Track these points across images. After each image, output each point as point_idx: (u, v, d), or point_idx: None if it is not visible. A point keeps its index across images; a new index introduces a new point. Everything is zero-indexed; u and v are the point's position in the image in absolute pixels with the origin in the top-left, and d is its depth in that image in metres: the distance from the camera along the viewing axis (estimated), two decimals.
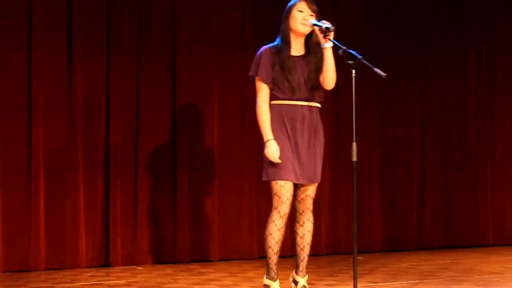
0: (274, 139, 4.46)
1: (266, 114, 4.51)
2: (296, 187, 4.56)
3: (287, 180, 4.47)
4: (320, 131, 4.61)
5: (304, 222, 4.63)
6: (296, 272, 4.66)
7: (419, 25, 7.77)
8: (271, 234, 4.48)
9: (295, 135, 4.50)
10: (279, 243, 4.51)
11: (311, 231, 4.65)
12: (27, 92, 6.08)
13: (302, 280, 4.63)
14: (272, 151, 4.43)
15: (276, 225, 4.48)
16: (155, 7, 6.55)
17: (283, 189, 4.46)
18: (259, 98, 4.55)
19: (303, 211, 4.62)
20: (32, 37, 6.09)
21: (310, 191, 4.61)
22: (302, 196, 4.59)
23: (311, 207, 4.63)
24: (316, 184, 4.62)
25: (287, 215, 4.50)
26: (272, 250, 4.49)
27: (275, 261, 4.51)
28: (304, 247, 4.63)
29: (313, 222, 4.66)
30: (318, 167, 4.59)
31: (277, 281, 4.53)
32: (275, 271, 4.52)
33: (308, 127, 4.53)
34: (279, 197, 4.46)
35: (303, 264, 4.64)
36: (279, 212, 4.47)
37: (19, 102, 6.06)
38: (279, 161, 4.43)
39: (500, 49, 8.17)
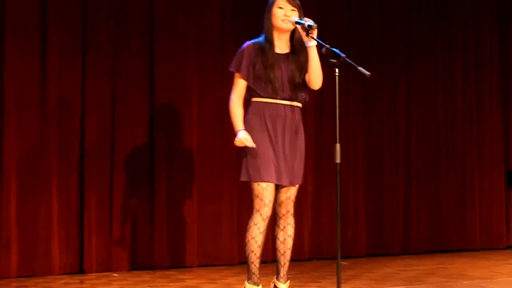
0: (256, 139, 4.42)
1: (238, 108, 4.54)
2: (277, 188, 4.51)
3: (270, 182, 4.42)
4: (301, 132, 4.57)
5: (284, 227, 4.57)
6: (277, 278, 4.60)
7: (405, 28, 7.78)
8: (253, 238, 4.43)
9: (276, 135, 4.46)
10: (262, 246, 4.46)
11: (292, 236, 4.59)
12: None
13: (283, 286, 4.57)
14: (242, 138, 4.42)
15: (258, 228, 4.43)
16: (132, 4, 6.49)
17: (265, 191, 4.41)
18: (234, 94, 4.56)
19: (283, 215, 4.55)
20: (4, 35, 6.02)
21: (291, 193, 4.55)
22: (282, 199, 4.53)
23: (291, 210, 4.57)
24: (297, 186, 4.57)
25: (269, 217, 4.46)
26: (255, 254, 4.44)
27: (257, 265, 4.46)
28: (285, 252, 4.57)
29: (294, 226, 4.61)
30: (299, 169, 4.55)
31: (260, 286, 4.48)
32: (258, 275, 4.47)
33: (289, 127, 4.48)
34: (261, 200, 4.41)
35: (283, 270, 4.58)
36: (261, 215, 4.42)
37: None
38: (250, 145, 4.40)
39: (487, 53, 8.20)
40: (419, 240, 7.65)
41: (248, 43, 4.56)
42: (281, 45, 4.55)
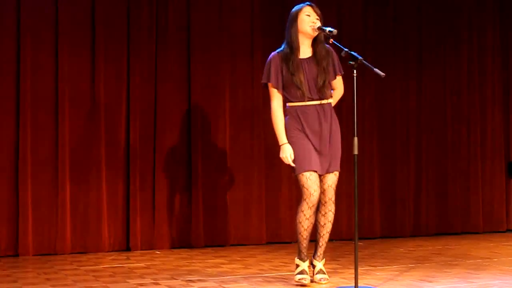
0: (294, 136, 4.47)
1: (280, 119, 4.52)
2: (319, 178, 4.55)
3: (312, 171, 4.46)
4: (337, 124, 4.60)
5: (326, 213, 4.59)
6: (313, 257, 4.67)
7: (416, 32, 7.71)
8: (300, 222, 4.52)
9: (314, 132, 4.49)
10: (308, 230, 4.54)
11: (332, 221, 4.63)
12: (54, 92, 6.13)
13: (319, 264, 4.64)
14: (287, 155, 4.46)
15: (304, 215, 4.51)
16: (171, 13, 6.55)
17: (309, 180, 4.46)
18: (273, 104, 4.55)
19: (325, 202, 4.58)
20: (58, 40, 6.14)
21: (332, 181, 4.56)
22: (325, 187, 4.55)
23: (333, 198, 4.59)
24: (337, 173, 4.58)
25: (315, 205, 4.52)
26: (302, 236, 4.54)
27: (304, 245, 4.57)
28: (323, 235, 4.63)
29: (334, 212, 4.62)
30: (336, 158, 4.57)
31: (306, 262, 4.59)
32: (305, 253, 4.59)
33: (324, 122, 4.51)
34: (307, 189, 4.46)
35: (320, 250, 4.65)
36: (307, 203, 4.49)
37: (46, 99, 6.10)
38: (293, 164, 4.45)
39: (490, 53, 8.10)
40: (427, 223, 7.61)
41: (273, 54, 4.58)
42: (304, 50, 4.56)
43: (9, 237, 5.94)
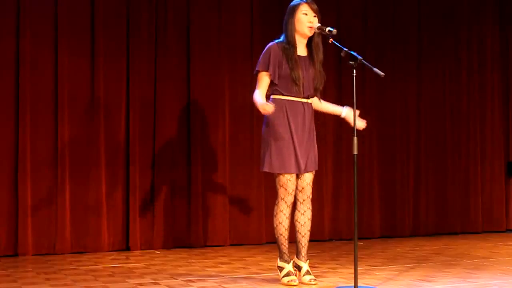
0: (278, 133, 4.44)
1: (260, 97, 4.41)
2: (297, 176, 4.56)
3: (293, 173, 4.48)
4: (314, 124, 4.63)
5: (305, 211, 4.60)
6: (298, 258, 4.63)
7: (415, 32, 7.73)
8: (281, 223, 4.52)
9: (297, 128, 4.48)
10: (288, 229, 4.55)
11: (311, 219, 4.63)
12: (54, 91, 6.12)
13: (305, 265, 4.60)
14: (264, 105, 4.29)
15: (284, 214, 4.52)
16: (171, 10, 6.55)
17: (289, 182, 4.49)
18: (258, 89, 4.49)
19: (304, 200, 4.58)
20: (57, 38, 6.13)
21: (309, 179, 4.58)
22: (303, 185, 4.56)
23: (310, 196, 4.60)
24: (314, 172, 4.61)
25: (292, 203, 4.54)
26: (283, 236, 4.54)
27: (286, 246, 4.56)
28: (305, 234, 4.61)
29: (312, 210, 4.64)
30: (315, 156, 4.60)
31: (291, 263, 4.57)
32: (288, 254, 4.56)
33: (308, 120, 4.53)
34: (285, 189, 4.49)
35: (304, 250, 4.61)
36: (285, 202, 4.51)
37: (46, 98, 6.09)
38: (269, 111, 4.29)
39: (489, 53, 8.12)
40: (427, 223, 7.62)
41: (272, 43, 4.54)
42: (301, 49, 4.55)
43: (9, 236, 5.93)
